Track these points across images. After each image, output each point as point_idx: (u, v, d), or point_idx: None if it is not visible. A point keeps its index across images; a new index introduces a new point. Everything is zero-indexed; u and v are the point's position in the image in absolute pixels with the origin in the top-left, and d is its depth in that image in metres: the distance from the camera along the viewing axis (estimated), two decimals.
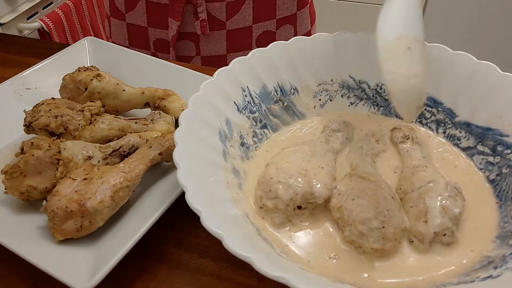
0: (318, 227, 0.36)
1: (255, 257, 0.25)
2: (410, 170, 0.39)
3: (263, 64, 0.45)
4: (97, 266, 0.35)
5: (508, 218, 0.35)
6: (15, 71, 0.55)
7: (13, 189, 0.40)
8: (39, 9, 1.29)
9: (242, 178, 0.40)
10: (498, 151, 0.40)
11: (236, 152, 0.41)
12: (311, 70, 0.47)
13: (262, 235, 0.34)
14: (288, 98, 0.47)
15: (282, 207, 0.35)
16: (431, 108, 0.45)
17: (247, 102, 0.44)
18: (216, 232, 0.27)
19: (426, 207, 0.34)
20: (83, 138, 0.46)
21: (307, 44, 0.47)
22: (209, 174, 0.35)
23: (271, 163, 0.38)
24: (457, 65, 0.43)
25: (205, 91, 0.40)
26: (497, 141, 0.40)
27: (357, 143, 0.43)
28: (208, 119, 0.39)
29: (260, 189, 0.37)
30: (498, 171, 0.39)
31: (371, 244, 0.33)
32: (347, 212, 0.34)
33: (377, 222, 0.33)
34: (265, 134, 0.45)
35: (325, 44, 0.47)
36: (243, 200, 0.37)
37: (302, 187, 0.35)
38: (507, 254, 0.30)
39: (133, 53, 0.59)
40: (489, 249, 0.33)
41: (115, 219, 0.40)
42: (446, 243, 0.33)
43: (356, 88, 0.48)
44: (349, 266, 0.33)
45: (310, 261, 0.33)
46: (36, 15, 1.28)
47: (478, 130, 0.42)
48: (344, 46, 0.47)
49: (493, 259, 0.31)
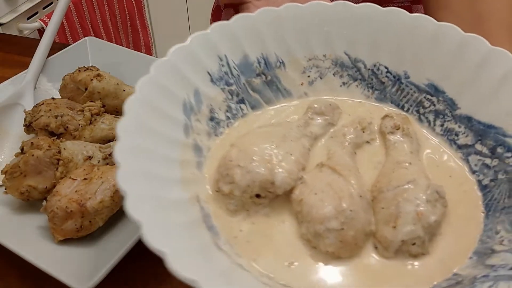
0: (276, 220, 0.32)
1: (171, 252, 0.22)
2: (391, 166, 0.34)
3: (247, 32, 0.41)
4: (97, 266, 0.35)
5: (492, 233, 0.30)
6: (15, 71, 0.55)
7: (13, 189, 0.40)
8: (39, 9, 1.30)
9: (204, 157, 0.36)
10: (497, 153, 0.34)
11: (203, 127, 0.37)
12: (302, 43, 0.42)
13: (209, 222, 0.31)
14: (273, 71, 0.42)
15: (238, 194, 0.32)
16: (431, 97, 0.40)
17: (223, 72, 0.40)
18: (157, 249, 0.23)
19: (398, 211, 0.30)
20: (83, 138, 0.47)
21: (301, 12, 0.42)
22: (160, 150, 0.31)
23: (236, 143, 0.35)
24: (467, 49, 0.38)
25: (174, 56, 0.36)
26: (499, 142, 0.34)
27: (340, 130, 0.38)
28: (172, 87, 0.35)
29: (218, 172, 0.33)
30: (494, 176, 0.34)
31: (326, 246, 0.29)
32: (307, 207, 0.30)
33: (336, 223, 0.29)
34: (242, 109, 0.41)
35: (322, 14, 0.42)
36: (199, 180, 0.34)
37: (262, 174, 0.32)
38: (479, 276, 0.26)
39: (133, 53, 0.59)
40: (462, 266, 0.29)
41: (115, 219, 0.40)
42: (414, 253, 0.29)
43: (351, 67, 0.43)
44: (302, 271, 0.29)
45: (257, 258, 0.29)
46: (36, 15, 1.30)
47: (479, 127, 0.36)
48: (343, 18, 0.42)
49: (463, 279, 0.27)
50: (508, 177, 0.32)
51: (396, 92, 0.42)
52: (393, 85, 0.42)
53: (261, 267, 0.29)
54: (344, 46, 0.42)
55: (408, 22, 0.40)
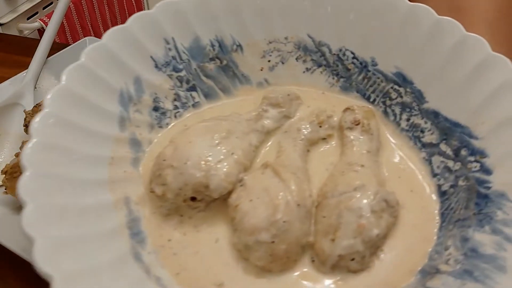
0: (209, 232, 0.29)
1: (60, 276, 0.20)
2: (342, 167, 0.31)
3: (197, 11, 0.37)
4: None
5: (441, 248, 0.27)
6: (15, 71, 0.53)
7: (13, 189, 0.38)
8: (39, 9, 1.28)
9: (144, 152, 0.34)
10: (461, 155, 0.31)
11: (144, 118, 0.34)
12: (261, 23, 0.38)
13: (136, 228, 0.29)
14: (229, 55, 0.39)
15: (171, 197, 0.29)
16: (398, 87, 0.36)
17: (170, 57, 0.36)
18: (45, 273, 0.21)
19: (339, 222, 0.27)
20: None
21: None
22: (82, 149, 0.28)
23: (173, 139, 0.32)
24: (439, 35, 0.33)
25: (109, 40, 0.33)
26: (463, 143, 0.31)
27: (295, 124, 0.35)
28: (106, 76, 0.32)
29: (152, 171, 0.31)
30: (454, 181, 0.31)
31: (256, 260, 0.26)
32: (240, 214, 0.28)
33: (267, 235, 0.26)
34: (193, 98, 0.38)
35: None
36: (133, 180, 0.31)
37: (195, 176, 0.29)
38: None
39: None
40: (408, 284, 0.26)
41: None
42: (353, 270, 0.27)
43: (315, 51, 0.39)
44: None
45: (181, 273, 0.27)
46: (36, 15, 1.27)
47: (445, 124, 0.33)
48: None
49: None
50: (468, 184, 0.29)
51: (362, 81, 0.38)
52: (359, 73, 0.38)
53: (183, 283, 0.26)
54: (307, 28, 0.38)
55: (378, 2, 0.36)
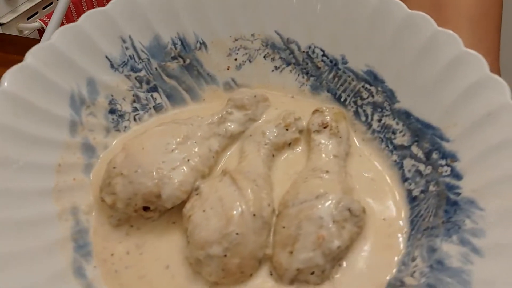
0: (163, 238, 0.28)
1: None
2: (306, 173, 0.29)
3: (157, 7, 0.35)
4: None
5: (408, 259, 0.25)
6: None
7: None
8: (39, 9, 1.28)
9: (98, 157, 0.32)
10: (432, 159, 0.29)
11: (99, 122, 0.32)
12: (226, 20, 0.36)
13: (82, 240, 0.27)
14: (192, 54, 0.37)
15: (121, 206, 0.27)
16: (370, 86, 0.34)
17: (128, 56, 0.34)
18: None
19: (298, 233, 0.25)
20: None
21: None
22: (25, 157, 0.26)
23: (126, 145, 0.30)
24: (410, 30, 0.31)
25: (59, 40, 0.31)
26: (435, 145, 0.29)
27: (260, 127, 0.33)
28: (54, 77, 0.30)
29: (102, 179, 0.29)
30: (425, 186, 0.29)
31: (207, 275, 0.25)
32: (192, 226, 0.26)
33: (219, 249, 0.24)
34: (154, 99, 0.36)
35: None
36: (83, 187, 0.29)
37: (146, 186, 0.27)
38: None
39: None
40: None
41: None
42: (313, 283, 0.25)
43: (283, 48, 0.37)
44: None
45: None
46: (36, 15, 1.27)
47: (417, 125, 0.31)
48: None
49: None
50: (438, 190, 0.27)
51: (333, 79, 0.36)
52: (329, 71, 0.36)
53: None
54: (274, 24, 0.36)
55: None
